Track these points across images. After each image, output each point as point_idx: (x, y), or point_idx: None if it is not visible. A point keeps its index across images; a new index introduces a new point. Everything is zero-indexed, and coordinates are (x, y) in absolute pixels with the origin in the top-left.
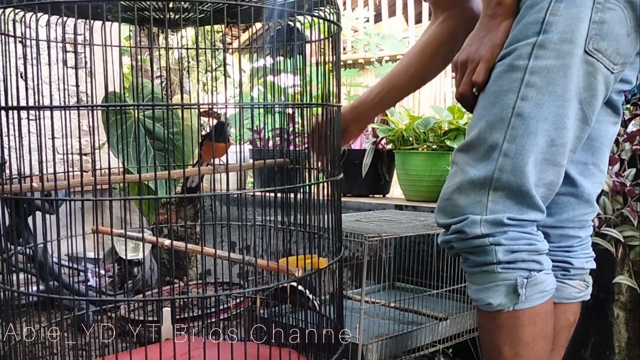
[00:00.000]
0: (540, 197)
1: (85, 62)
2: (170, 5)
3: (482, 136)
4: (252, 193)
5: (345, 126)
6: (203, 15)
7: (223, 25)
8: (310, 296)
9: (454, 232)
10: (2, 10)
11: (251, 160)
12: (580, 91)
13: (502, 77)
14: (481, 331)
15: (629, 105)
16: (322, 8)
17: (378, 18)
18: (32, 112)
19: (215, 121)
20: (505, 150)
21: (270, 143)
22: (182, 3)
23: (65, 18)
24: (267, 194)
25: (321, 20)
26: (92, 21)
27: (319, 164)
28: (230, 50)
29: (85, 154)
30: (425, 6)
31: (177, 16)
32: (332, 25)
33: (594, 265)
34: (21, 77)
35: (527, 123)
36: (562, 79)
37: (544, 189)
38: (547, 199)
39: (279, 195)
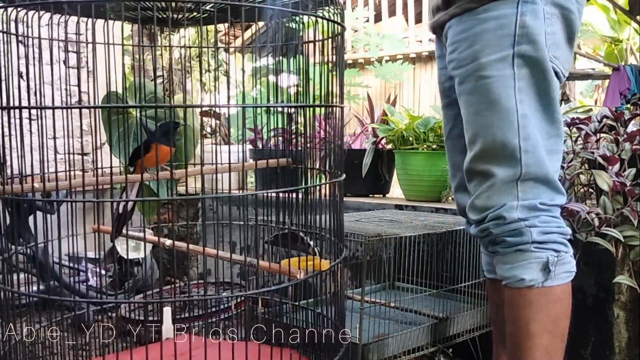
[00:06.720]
0: None
1: (87, 62)
2: (174, 4)
3: (497, 142)
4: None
5: None
6: (206, 15)
7: (224, 25)
8: (311, 243)
9: (492, 219)
10: (3, 9)
11: (251, 161)
12: (557, 89)
13: (494, 87)
14: (510, 310)
15: (629, 105)
16: (326, 8)
17: (378, 18)
18: (33, 112)
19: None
20: (525, 148)
21: (272, 142)
22: (186, 3)
23: (67, 16)
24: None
25: (324, 20)
26: (94, 19)
27: (320, 164)
28: (231, 50)
29: (86, 154)
30: (425, 6)
31: (180, 16)
32: (335, 25)
33: None
34: (21, 77)
35: (530, 122)
36: (542, 81)
37: (557, 175)
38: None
39: (280, 195)
